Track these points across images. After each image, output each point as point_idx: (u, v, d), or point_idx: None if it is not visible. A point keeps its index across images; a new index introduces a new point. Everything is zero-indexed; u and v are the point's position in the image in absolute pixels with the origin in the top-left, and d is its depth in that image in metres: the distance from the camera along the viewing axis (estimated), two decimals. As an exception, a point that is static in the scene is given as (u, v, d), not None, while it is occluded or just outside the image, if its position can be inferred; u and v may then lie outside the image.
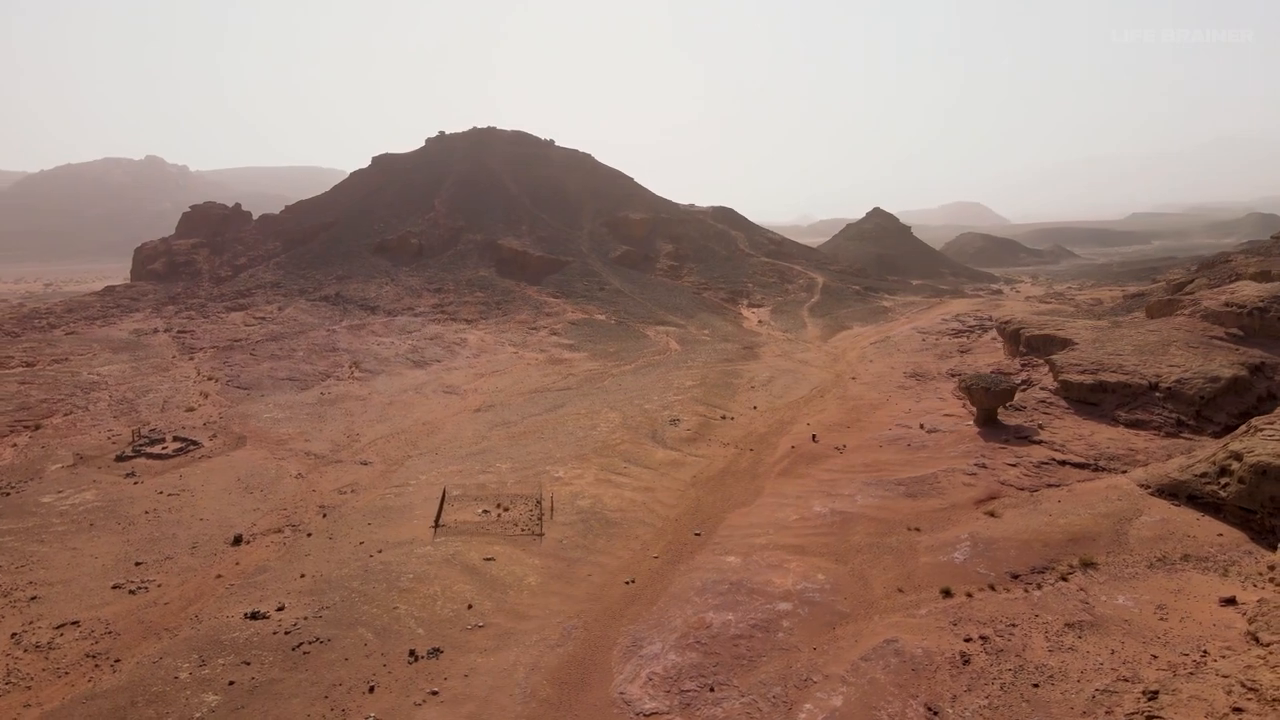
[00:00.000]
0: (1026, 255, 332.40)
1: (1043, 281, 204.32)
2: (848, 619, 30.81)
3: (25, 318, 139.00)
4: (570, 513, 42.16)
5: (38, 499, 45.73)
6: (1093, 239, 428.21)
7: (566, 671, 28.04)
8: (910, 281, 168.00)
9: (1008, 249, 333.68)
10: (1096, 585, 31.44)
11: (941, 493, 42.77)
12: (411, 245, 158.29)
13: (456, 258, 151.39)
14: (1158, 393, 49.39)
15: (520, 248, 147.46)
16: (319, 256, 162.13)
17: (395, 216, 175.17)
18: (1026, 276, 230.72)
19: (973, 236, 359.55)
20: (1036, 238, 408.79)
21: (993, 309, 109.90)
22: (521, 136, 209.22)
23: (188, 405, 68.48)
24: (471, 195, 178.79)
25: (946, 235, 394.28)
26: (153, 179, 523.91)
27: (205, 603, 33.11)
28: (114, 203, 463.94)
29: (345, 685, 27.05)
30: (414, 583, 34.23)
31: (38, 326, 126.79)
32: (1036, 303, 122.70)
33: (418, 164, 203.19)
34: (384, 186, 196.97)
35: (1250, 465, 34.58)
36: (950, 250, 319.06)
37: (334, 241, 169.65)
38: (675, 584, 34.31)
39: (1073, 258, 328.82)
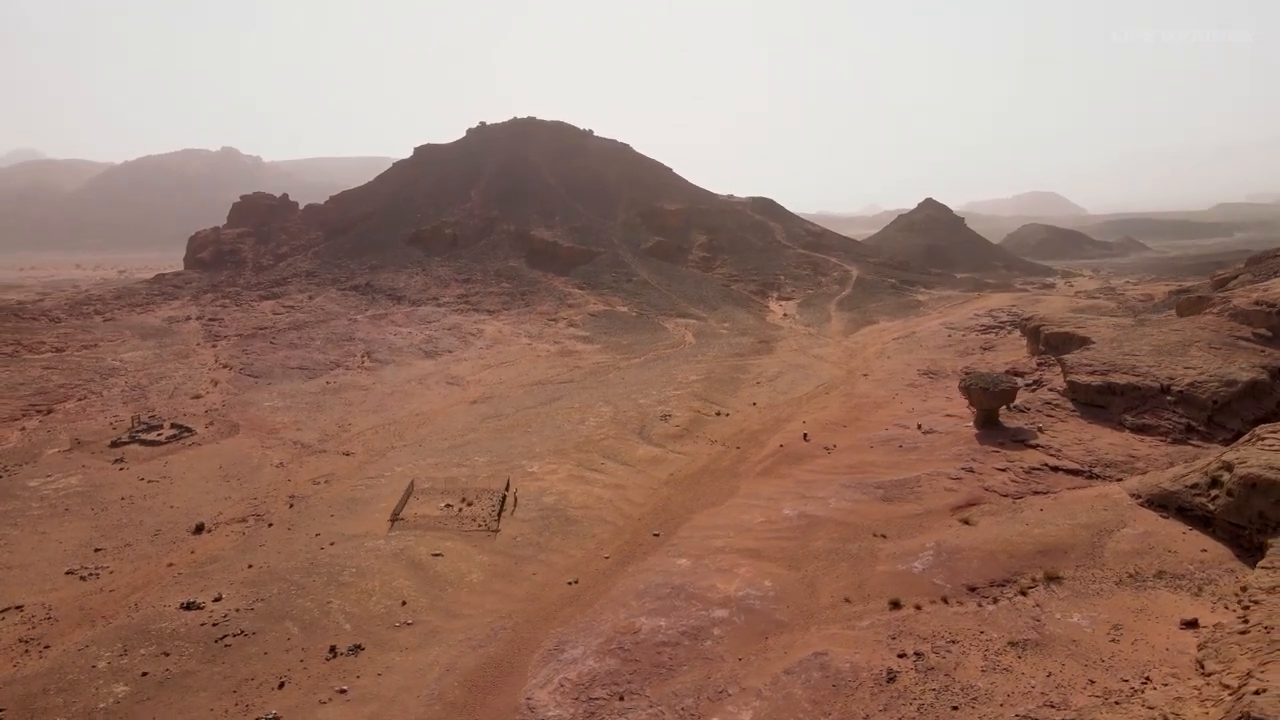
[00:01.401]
0: (1093, 248, 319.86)
1: (1103, 275, 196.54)
2: (783, 629, 29.75)
3: (76, 304, 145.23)
4: (532, 509, 41.83)
5: (25, 483, 47.37)
6: (1171, 231, 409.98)
7: (481, 674, 27.67)
8: (954, 275, 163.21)
9: (1072, 241, 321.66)
10: (1055, 601, 29.73)
11: (920, 498, 41.14)
12: (446, 235, 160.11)
13: (488, 248, 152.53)
14: (1169, 396, 46.64)
15: (551, 238, 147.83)
16: (355, 246, 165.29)
17: (433, 207, 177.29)
18: (1088, 270, 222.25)
19: (1035, 228, 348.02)
20: (1109, 229, 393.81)
21: (1031, 304, 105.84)
22: (560, 127, 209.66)
23: (195, 392, 70.41)
24: (508, 186, 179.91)
25: (1015, 226, 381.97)
26: (228, 170, 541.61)
27: (148, 591, 33.72)
28: (192, 193, 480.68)
29: (257, 680, 27.17)
30: (354, 577, 34.29)
31: (83, 313, 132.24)
32: (1082, 298, 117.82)
33: (458, 154, 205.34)
34: (424, 177, 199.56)
35: (1239, 477, 32.26)
36: (1012, 242, 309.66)
37: (372, 231, 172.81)
38: (618, 586, 33.65)
39: (1143, 250, 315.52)
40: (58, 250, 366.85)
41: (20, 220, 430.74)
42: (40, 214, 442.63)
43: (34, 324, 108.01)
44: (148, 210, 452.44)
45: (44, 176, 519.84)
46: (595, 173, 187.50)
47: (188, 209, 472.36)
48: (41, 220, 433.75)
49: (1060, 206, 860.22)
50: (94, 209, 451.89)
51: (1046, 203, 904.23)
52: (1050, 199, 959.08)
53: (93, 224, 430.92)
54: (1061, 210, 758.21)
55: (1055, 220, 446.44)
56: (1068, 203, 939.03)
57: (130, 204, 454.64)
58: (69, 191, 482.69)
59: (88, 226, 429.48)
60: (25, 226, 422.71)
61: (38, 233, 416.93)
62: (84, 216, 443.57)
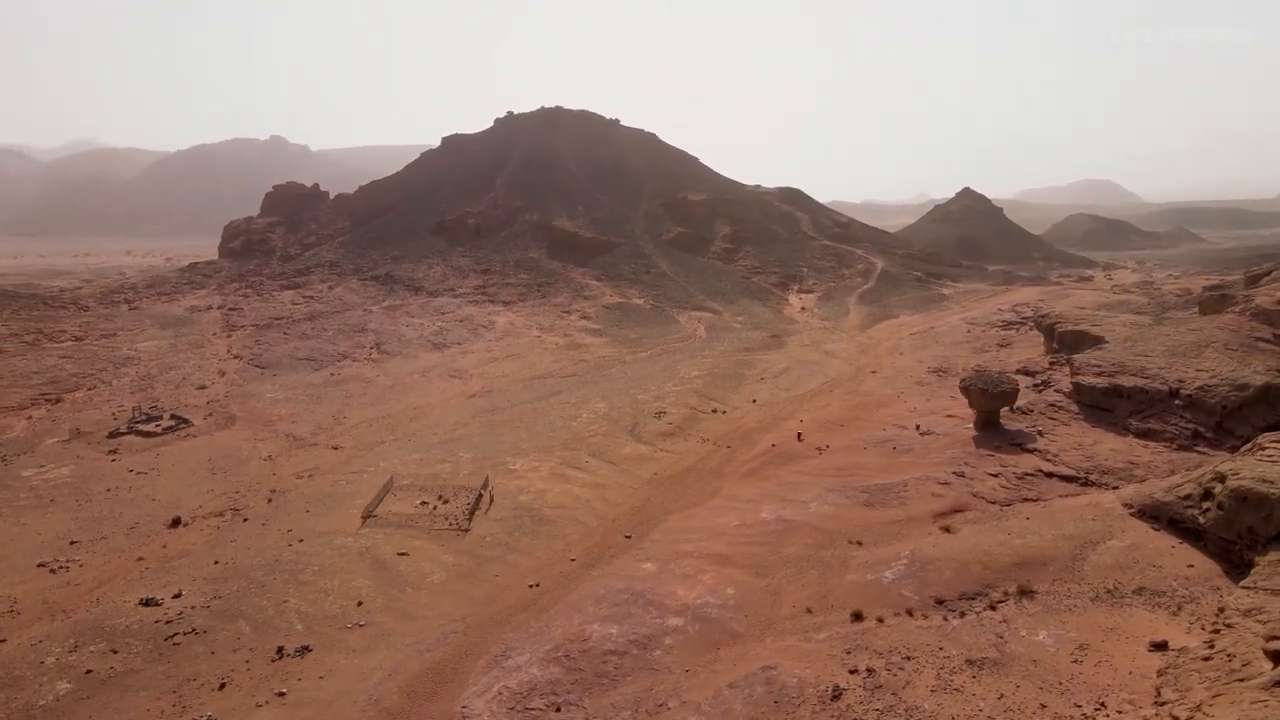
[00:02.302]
0: (1141, 239, 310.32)
1: (1146, 268, 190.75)
2: (738, 640, 29.03)
3: (108, 292, 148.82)
4: (507, 508, 41.53)
5: (19, 472, 48.39)
6: (1227, 221, 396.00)
7: (423, 680, 27.42)
8: (986, 267, 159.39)
9: (1119, 232, 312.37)
10: (1023, 617, 28.58)
11: (904, 503, 39.98)
12: (469, 225, 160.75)
13: (510, 238, 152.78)
14: (1177, 400, 44.70)
15: (572, 229, 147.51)
16: (380, 236, 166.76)
17: (458, 196, 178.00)
18: (1132, 262, 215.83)
19: (1081, 218, 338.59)
20: (1161, 219, 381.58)
21: (1058, 300, 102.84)
22: (587, 116, 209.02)
23: (201, 383, 71.44)
24: (533, 175, 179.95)
25: (1065, 216, 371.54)
26: (277, 158, 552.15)
27: (113, 586, 34.09)
28: (242, 181, 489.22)
29: (199, 680, 27.23)
30: (315, 576, 34.29)
31: (113, 301, 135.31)
32: (1116, 292, 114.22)
33: (485, 144, 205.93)
34: (451, 167, 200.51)
35: (1231, 490, 30.65)
36: (1056, 232, 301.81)
37: (397, 221, 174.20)
38: (578, 590, 33.18)
39: (1195, 241, 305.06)
40: (114, 236, 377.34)
41: (79, 207, 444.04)
42: (98, 201, 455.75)
43: (59, 312, 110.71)
44: (199, 198, 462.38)
45: (102, 165, 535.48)
46: (620, 162, 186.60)
47: (237, 196, 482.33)
48: (99, 207, 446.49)
49: (1115, 195, 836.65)
50: (148, 197, 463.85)
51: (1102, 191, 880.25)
52: (1106, 187, 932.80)
53: (147, 211, 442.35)
54: (1117, 199, 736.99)
55: (1109, 209, 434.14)
56: (1124, 191, 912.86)
57: (183, 192, 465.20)
58: (125, 179, 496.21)
59: (143, 213, 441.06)
60: (84, 213, 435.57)
61: (96, 219, 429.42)
62: (139, 204, 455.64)
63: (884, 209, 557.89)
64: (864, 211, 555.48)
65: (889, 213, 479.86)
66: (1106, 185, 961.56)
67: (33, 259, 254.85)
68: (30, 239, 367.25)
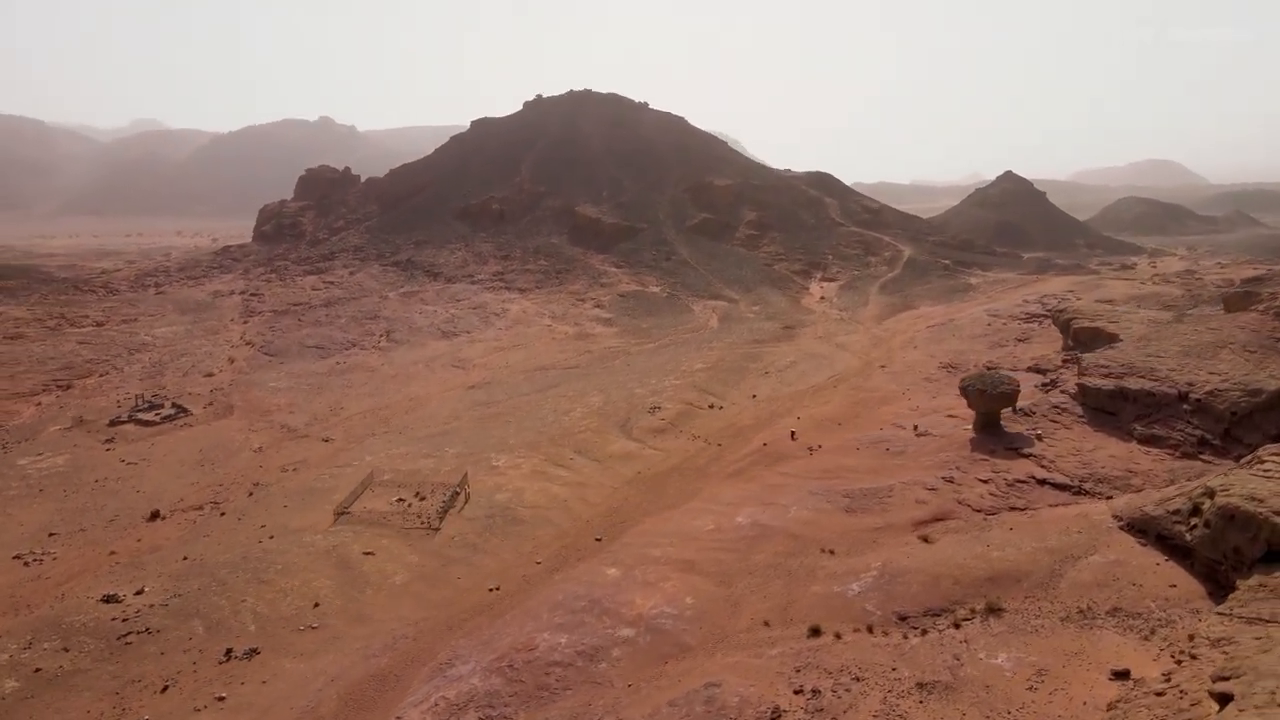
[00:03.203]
0: (1196, 223, 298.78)
1: (1194, 254, 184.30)
2: (687, 653, 28.42)
3: (141, 276, 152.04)
4: (482, 506, 41.32)
5: (16, 461, 49.51)
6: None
7: (364, 687, 27.33)
8: (1022, 255, 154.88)
9: (1173, 216, 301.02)
10: (986, 637, 27.51)
11: (886, 509, 38.89)
12: (493, 211, 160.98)
13: (533, 224, 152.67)
14: (1186, 405, 42.76)
15: (594, 215, 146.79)
16: (406, 221, 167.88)
17: (484, 181, 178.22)
18: (1182, 248, 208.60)
19: (1133, 202, 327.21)
20: (1223, 202, 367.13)
21: (1089, 290, 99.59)
22: (615, 99, 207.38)
23: (209, 370, 72.50)
24: (558, 160, 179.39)
25: (1122, 198, 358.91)
26: (324, 139, 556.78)
27: (81, 580, 34.59)
28: (291, 161, 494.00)
29: (144, 682, 27.45)
30: (278, 574, 34.41)
31: (143, 285, 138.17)
32: (1155, 282, 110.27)
33: (513, 128, 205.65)
34: (479, 150, 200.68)
35: (1218, 507, 29.10)
36: (1105, 216, 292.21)
37: (423, 206, 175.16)
38: (537, 596, 32.84)
39: (1253, 226, 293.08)
40: (166, 217, 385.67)
41: (133, 188, 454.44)
42: (150, 182, 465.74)
43: (86, 297, 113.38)
44: (248, 179, 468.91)
45: (157, 146, 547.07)
46: (647, 147, 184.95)
47: (285, 177, 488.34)
48: (152, 188, 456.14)
49: (1177, 176, 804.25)
50: (199, 178, 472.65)
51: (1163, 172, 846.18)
52: (1167, 168, 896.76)
53: (199, 192, 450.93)
54: (1178, 180, 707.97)
55: (1169, 191, 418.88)
56: (1187, 172, 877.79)
57: (232, 173, 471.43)
58: (178, 160, 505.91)
59: (194, 194, 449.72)
60: (137, 194, 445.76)
61: (150, 200, 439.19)
62: (190, 185, 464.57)
63: (934, 190, 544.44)
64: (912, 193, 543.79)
65: (938, 194, 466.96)
66: (1168, 166, 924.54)
67: (87, 238, 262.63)
68: (88, 218, 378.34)
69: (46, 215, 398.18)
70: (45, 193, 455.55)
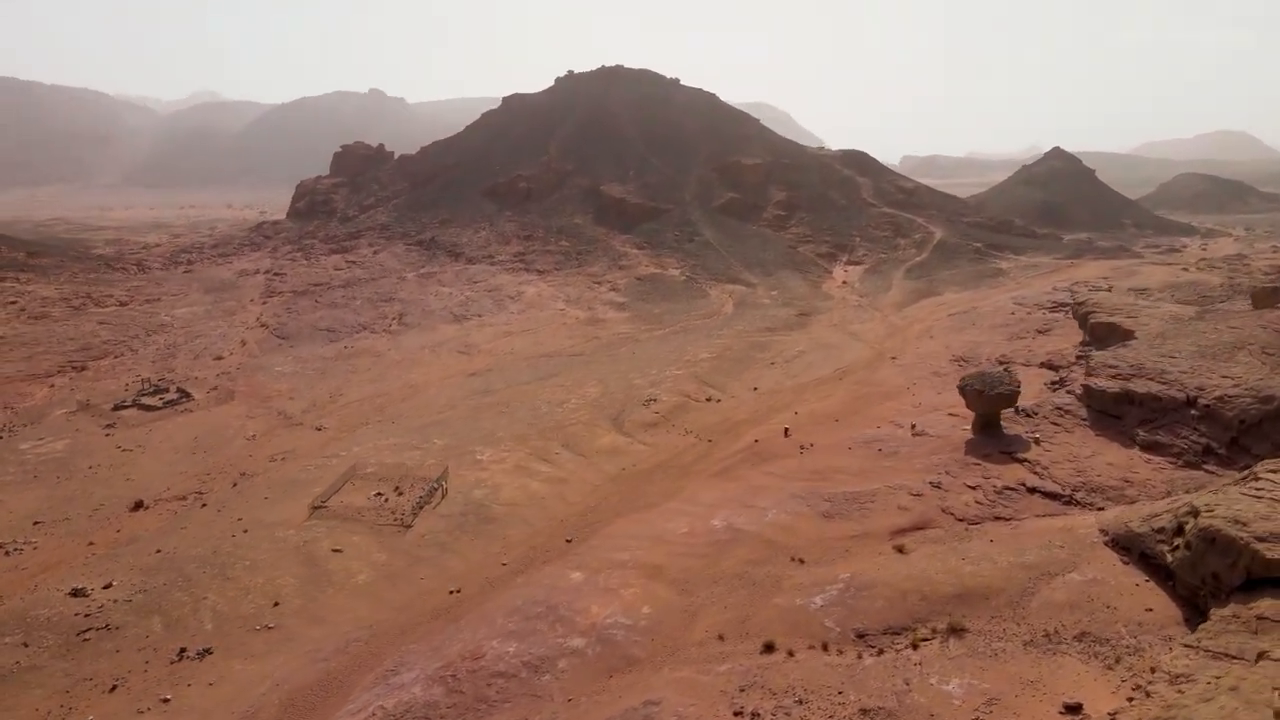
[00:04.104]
0: (1259, 201, 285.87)
1: (1251, 236, 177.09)
2: (635, 666, 27.97)
3: (174, 253, 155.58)
4: (458, 503, 41.23)
5: (18, 445, 50.75)
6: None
7: (306, 693, 27.40)
8: (1062, 237, 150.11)
9: (1235, 194, 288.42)
10: (942, 660, 26.57)
11: (866, 515, 37.87)
12: (520, 189, 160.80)
13: (559, 203, 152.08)
14: (1193, 410, 40.78)
15: (619, 195, 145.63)
16: (433, 199, 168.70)
17: (512, 159, 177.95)
18: (1240, 228, 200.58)
19: (1192, 178, 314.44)
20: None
21: (1124, 277, 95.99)
22: (646, 76, 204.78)
23: (220, 354, 73.59)
24: (587, 138, 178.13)
25: (1192, 169, 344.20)
26: (375, 111, 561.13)
27: (55, 572, 35.27)
28: (341, 134, 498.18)
29: (95, 681, 27.86)
30: (244, 571, 34.72)
31: (175, 262, 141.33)
32: (1197, 268, 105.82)
33: (543, 105, 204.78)
34: (510, 127, 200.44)
35: (1199, 529, 27.61)
36: (1161, 194, 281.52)
37: (451, 184, 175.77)
38: (496, 599, 32.63)
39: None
40: (221, 188, 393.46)
41: (189, 159, 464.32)
42: (207, 154, 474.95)
43: (114, 275, 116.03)
44: (301, 151, 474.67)
45: (213, 118, 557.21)
46: (676, 124, 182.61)
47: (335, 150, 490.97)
48: (208, 160, 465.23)
49: (1248, 149, 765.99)
50: (253, 150, 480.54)
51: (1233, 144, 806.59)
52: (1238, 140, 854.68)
53: (252, 164, 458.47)
54: (1249, 153, 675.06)
55: (1237, 166, 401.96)
56: (1260, 144, 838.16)
57: (284, 145, 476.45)
58: (232, 132, 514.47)
59: (247, 166, 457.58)
60: (193, 166, 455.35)
61: (205, 171, 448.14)
62: (244, 157, 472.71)
63: (988, 163, 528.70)
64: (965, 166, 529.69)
65: (992, 167, 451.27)
66: (1239, 138, 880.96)
67: (142, 210, 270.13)
68: (146, 190, 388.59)
69: (108, 186, 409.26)
70: (107, 164, 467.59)
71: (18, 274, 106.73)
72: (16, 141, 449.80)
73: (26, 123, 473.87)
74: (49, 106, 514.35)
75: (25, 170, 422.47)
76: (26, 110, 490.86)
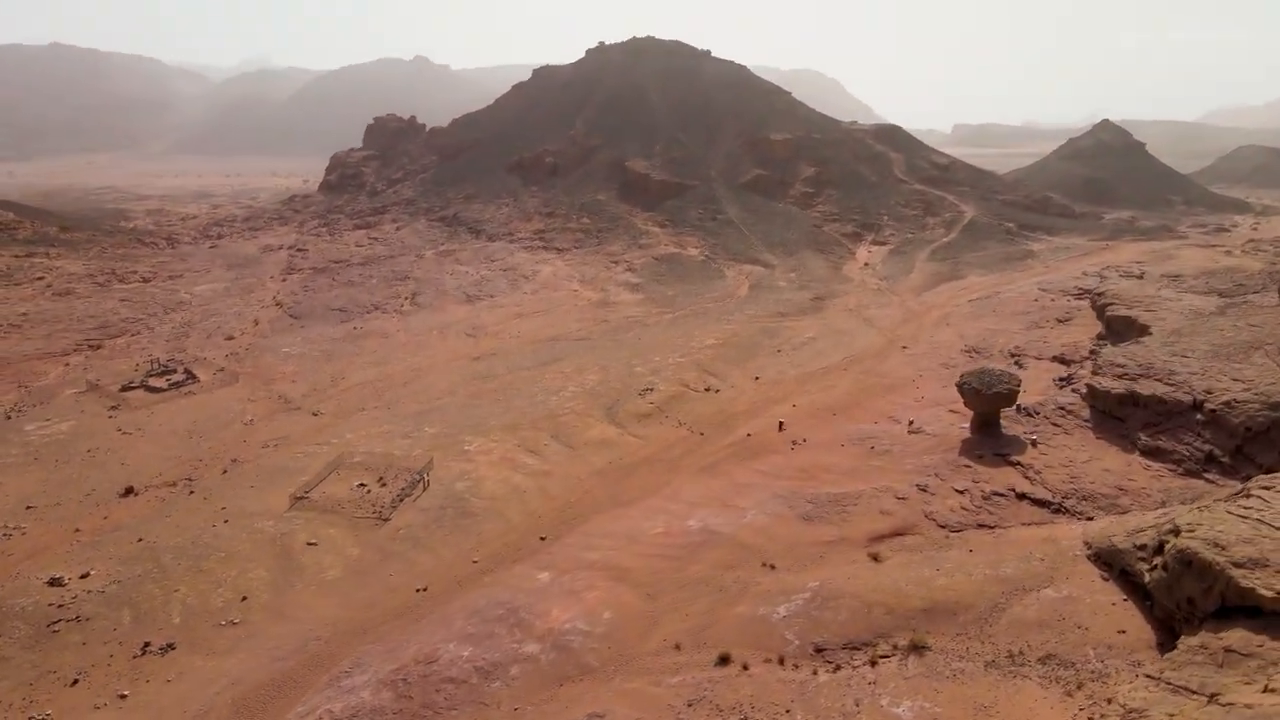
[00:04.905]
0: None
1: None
2: (586, 675, 27.78)
3: (207, 226, 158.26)
4: (439, 496, 41.28)
5: (24, 426, 52.00)
6: None
7: (259, 693, 27.68)
8: (1102, 215, 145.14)
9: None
10: (898, 680, 25.96)
11: (846, 519, 37.11)
12: (545, 164, 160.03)
13: (583, 178, 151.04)
14: (1199, 415, 39.10)
15: (644, 170, 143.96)
16: (459, 173, 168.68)
17: (540, 133, 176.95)
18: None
19: (1253, 150, 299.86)
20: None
21: (1160, 261, 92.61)
22: (677, 47, 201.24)
23: (231, 333, 74.53)
24: (614, 112, 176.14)
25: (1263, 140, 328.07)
26: (420, 78, 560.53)
27: (40, 559, 36.06)
28: (385, 102, 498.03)
29: (58, 674, 28.45)
30: (218, 563, 35.15)
31: (207, 235, 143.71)
32: (1242, 252, 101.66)
33: (573, 77, 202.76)
34: (539, 100, 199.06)
35: (1177, 550, 26.46)
36: (1220, 167, 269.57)
37: (478, 158, 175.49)
38: (460, 599, 32.66)
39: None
40: (269, 156, 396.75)
41: (238, 127, 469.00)
42: (256, 121, 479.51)
43: (140, 251, 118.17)
44: (345, 119, 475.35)
45: (261, 85, 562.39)
46: (705, 98, 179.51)
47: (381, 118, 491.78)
48: (257, 127, 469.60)
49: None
50: (300, 117, 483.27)
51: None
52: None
53: (298, 131, 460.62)
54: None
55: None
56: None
57: (330, 113, 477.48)
58: (280, 100, 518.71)
59: (294, 134, 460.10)
60: (243, 133, 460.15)
61: (254, 139, 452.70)
62: (291, 124, 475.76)
63: (1044, 132, 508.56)
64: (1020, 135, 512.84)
65: (1048, 136, 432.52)
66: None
67: (191, 178, 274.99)
68: (197, 157, 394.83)
69: (160, 154, 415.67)
70: (160, 131, 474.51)
71: (48, 249, 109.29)
72: (74, 108, 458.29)
73: (84, 90, 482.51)
74: (106, 74, 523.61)
75: (82, 137, 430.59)
76: (84, 77, 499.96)
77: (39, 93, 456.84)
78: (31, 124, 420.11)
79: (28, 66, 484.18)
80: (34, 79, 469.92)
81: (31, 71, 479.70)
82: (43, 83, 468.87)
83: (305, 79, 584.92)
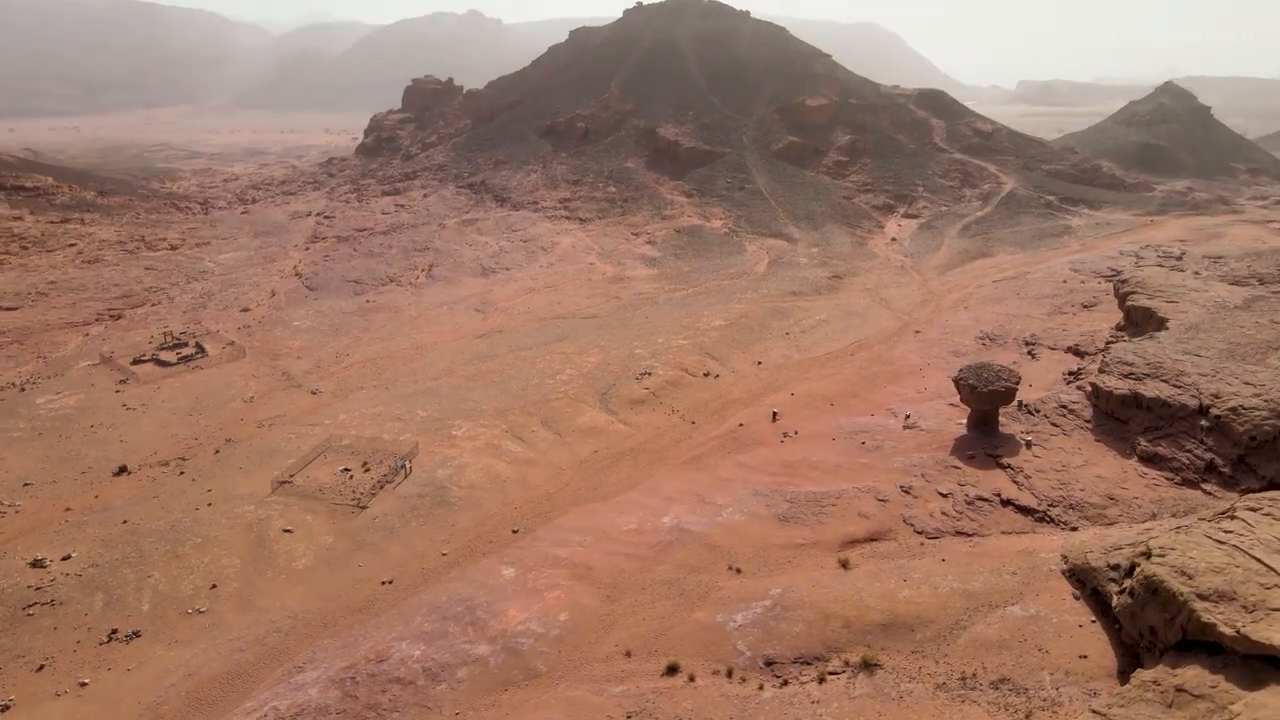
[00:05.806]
0: None
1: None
2: (532, 681, 27.78)
3: (246, 189, 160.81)
4: (419, 483, 41.49)
5: (34, 399, 53.49)
6: None
7: (212, 686, 28.28)
8: (1154, 186, 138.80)
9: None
10: (843, 700, 25.51)
11: (822, 521, 36.37)
12: (577, 130, 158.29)
13: (614, 144, 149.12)
14: (1204, 420, 37.26)
15: (674, 137, 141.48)
16: (491, 138, 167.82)
17: (574, 96, 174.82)
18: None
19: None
20: None
21: (1206, 240, 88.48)
22: (715, 8, 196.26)
23: (247, 305, 75.56)
24: (649, 75, 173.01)
25: None
26: (471, 33, 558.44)
27: (27, 538, 37.18)
28: (438, 57, 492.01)
29: (26, 659, 29.37)
30: (193, 549, 35.83)
31: (243, 199, 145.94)
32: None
33: (609, 39, 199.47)
34: (574, 63, 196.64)
35: (1144, 576, 25.32)
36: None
37: (512, 121, 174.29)
38: (423, 594, 32.89)
39: None
40: (324, 111, 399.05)
41: (294, 82, 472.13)
42: (312, 76, 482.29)
43: (173, 216, 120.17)
44: (397, 73, 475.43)
45: (319, 39, 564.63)
46: (742, 61, 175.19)
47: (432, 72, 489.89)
48: (312, 82, 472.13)
49: None
50: (354, 72, 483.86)
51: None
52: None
53: (353, 86, 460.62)
54: None
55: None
56: None
57: (384, 67, 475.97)
58: (335, 55, 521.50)
59: (349, 88, 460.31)
60: (300, 88, 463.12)
61: (310, 93, 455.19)
62: (346, 79, 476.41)
63: (1113, 89, 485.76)
64: (1086, 93, 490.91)
65: (1116, 94, 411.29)
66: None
67: (245, 134, 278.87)
68: (255, 111, 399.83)
69: (220, 109, 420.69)
70: (220, 86, 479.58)
71: (84, 214, 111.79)
72: (135, 63, 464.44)
73: (145, 45, 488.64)
74: (167, 28, 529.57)
75: (143, 91, 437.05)
76: (146, 32, 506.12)
77: (101, 48, 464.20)
78: (95, 79, 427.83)
79: (89, 22, 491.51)
80: (95, 34, 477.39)
81: (93, 27, 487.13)
82: (104, 38, 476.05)
83: (361, 32, 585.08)
